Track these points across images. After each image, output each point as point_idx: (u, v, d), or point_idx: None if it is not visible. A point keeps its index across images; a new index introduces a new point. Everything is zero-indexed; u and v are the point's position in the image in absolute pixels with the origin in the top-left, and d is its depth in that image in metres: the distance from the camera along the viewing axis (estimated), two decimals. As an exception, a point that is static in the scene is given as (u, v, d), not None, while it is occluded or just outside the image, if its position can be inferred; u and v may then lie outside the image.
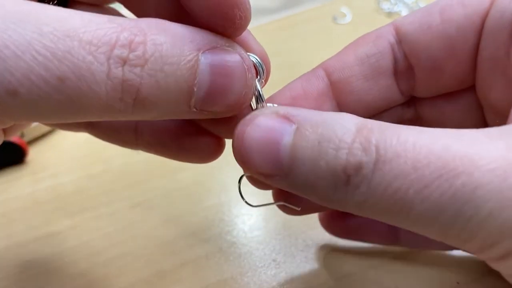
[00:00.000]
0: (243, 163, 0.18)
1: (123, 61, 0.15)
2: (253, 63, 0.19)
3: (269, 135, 0.18)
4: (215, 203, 0.32)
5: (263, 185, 0.24)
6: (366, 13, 0.54)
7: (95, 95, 0.15)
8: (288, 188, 0.18)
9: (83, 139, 0.38)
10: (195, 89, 0.16)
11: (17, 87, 0.14)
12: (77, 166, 0.35)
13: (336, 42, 0.50)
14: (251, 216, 0.31)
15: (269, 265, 0.28)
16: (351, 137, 0.16)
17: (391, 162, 0.16)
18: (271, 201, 0.25)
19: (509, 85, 0.20)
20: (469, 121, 0.23)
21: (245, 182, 0.23)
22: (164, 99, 0.16)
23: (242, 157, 0.18)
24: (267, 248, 0.29)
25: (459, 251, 0.27)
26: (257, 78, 0.20)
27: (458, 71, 0.22)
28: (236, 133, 0.18)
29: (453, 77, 0.22)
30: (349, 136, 0.16)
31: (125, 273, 0.27)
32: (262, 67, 0.20)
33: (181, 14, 0.20)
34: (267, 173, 0.18)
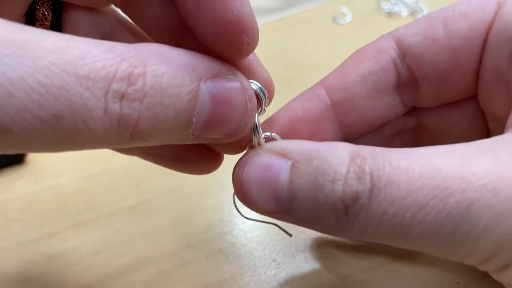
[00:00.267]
0: (246, 203, 0.19)
1: (121, 96, 0.14)
2: (255, 91, 0.19)
3: (266, 174, 0.18)
4: (215, 203, 0.32)
5: None
6: (366, 13, 0.54)
7: (91, 132, 0.14)
8: (291, 222, 0.19)
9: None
10: (194, 119, 0.16)
11: (10, 125, 0.13)
12: (77, 166, 0.35)
13: (336, 42, 0.50)
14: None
15: (269, 265, 0.28)
16: (346, 167, 0.17)
17: (385, 188, 0.16)
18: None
19: (511, 97, 0.20)
20: (472, 128, 0.23)
21: None
22: (161, 130, 0.16)
23: (243, 197, 0.19)
24: (267, 248, 0.29)
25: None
26: (258, 107, 0.20)
27: (462, 82, 0.22)
28: (234, 174, 0.19)
29: (458, 87, 0.22)
30: (344, 166, 0.17)
31: (125, 273, 0.27)
32: (264, 94, 0.20)
33: (183, 32, 0.20)
34: (270, 210, 0.19)
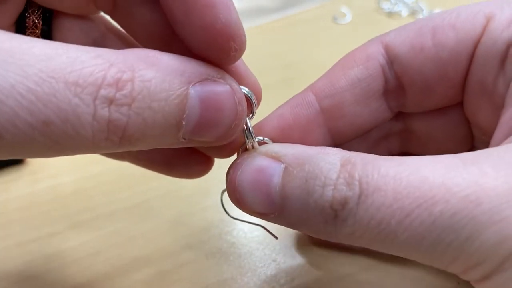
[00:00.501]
0: (239, 204, 0.19)
1: (110, 101, 0.14)
2: (245, 95, 0.19)
3: (260, 177, 0.19)
4: (215, 203, 0.32)
5: None
6: (366, 13, 0.54)
7: (81, 137, 0.14)
8: (281, 224, 0.19)
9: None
10: (184, 123, 0.16)
11: (1, 132, 0.13)
12: (76, 166, 0.35)
13: (336, 42, 0.50)
14: (251, 216, 0.31)
15: (269, 265, 0.28)
16: (336, 173, 0.17)
17: (373, 195, 0.16)
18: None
19: (495, 111, 0.21)
20: (456, 134, 0.24)
21: None
22: (151, 134, 0.16)
23: (236, 199, 0.19)
24: (267, 248, 0.29)
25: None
26: (249, 111, 0.20)
27: (448, 91, 0.22)
28: (228, 176, 0.19)
29: (443, 96, 0.22)
30: (334, 172, 0.17)
31: (125, 273, 0.27)
32: (252, 99, 0.20)
33: (171, 37, 0.20)
34: (262, 212, 0.19)
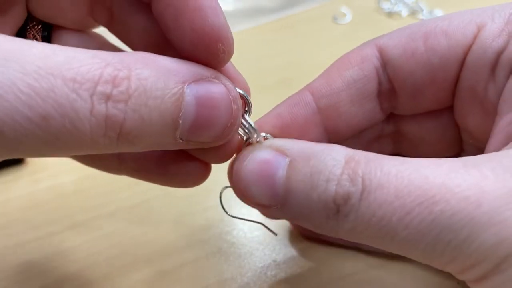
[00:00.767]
0: (242, 195, 0.20)
1: (107, 97, 0.15)
2: (240, 95, 0.20)
3: (265, 169, 0.19)
4: (215, 203, 0.32)
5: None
6: (366, 13, 0.54)
7: (79, 132, 0.15)
8: (283, 217, 0.20)
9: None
10: (180, 122, 0.16)
11: (1, 126, 0.13)
12: (76, 166, 0.35)
13: (336, 42, 0.50)
14: (251, 216, 0.31)
15: (269, 265, 0.28)
16: (340, 169, 0.18)
17: (375, 192, 0.17)
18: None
19: (484, 117, 0.21)
20: (446, 137, 0.24)
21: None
22: (148, 132, 0.16)
23: (240, 190, 0.20)
24: (267, 248, 0.29)
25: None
26: (246, 110, 0.20)
27: (437, 96, 0.23)
28: (234, 168, 0.20)
29: (433, 100, 0.23)
30: (339, 168, 0.18)
31: (125, 273, 0.27)
32: (248, 99, 0.20)
33: (165, 42, 0.20)
34: (265, 204, 0.19)
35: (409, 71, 0.22)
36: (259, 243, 0.29)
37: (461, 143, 0.24)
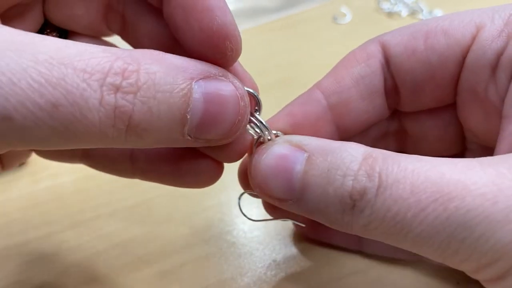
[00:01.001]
0: (259, 188, 0.20)
1: (116, 88, 0.15)
2: (250, 93, 0.20)
3: (283, 163, 0.19)
4: (215, 203, 0.32)
5: (275, 209, 0.25)
6: (366, 13, 0.54)
7: (88, 122, 0.15)
8: (299, 211, 0.20)
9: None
10: (189, 117, 0.17)
11: (12, 112, 0.14)
12: (76, 166, 0.35)
13: (336, 42, 0.50)
14: (251, 216, 0.31)
15: (269, 265, 0.28)
16: (357, 165, 0.18)
17: (391, 187, 0.17)
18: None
19: (486, 117, 0.22)
20: (448, 135, 0.25)
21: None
22: (157, 126, 0.16)
23: (258, 183, 0.20)
24: (267, 248, 0.29)
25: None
26: (256, 109, 0.21)
27: (437, 94, 0.23)
28: (253, 161, 0.20)
29: (433, 97, 0.23)
30: (356, 164, 0.18)
31: (125, 273, 0.27)
32: (257, 98, 0.20)
33: (175, 46, 0.21)
34: (281, 198, 0.19)
35: (409, 68, 0.22)
36: (259, 243, 0.29)
37: (463, 142, 0.25)
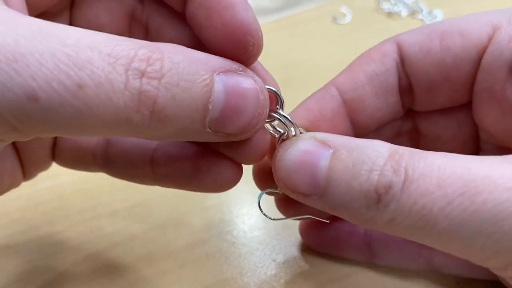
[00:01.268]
0: (283, 183, 0.20)
1: (141, 74, 0.15)
2: (272, 91, 0.20)
3: (308, 158, 0.19)
4: (215, 203, 0.32)
5: (287, 209, 0.26)
6: (366, 13, 0.54)
7: (113, 104, 0.15)
8: (322, 207, 0.20)
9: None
10: (210, 107, 0.17)
11: (38, 92, 0.14)
12: (77, 166, 0.35)
13: (336, 42, 0.50)
14: (251, 216, 0.31)
15: (269, 265, 0.28)
16: (383, 160, 0.18)
17: (418, 181, 0.17)
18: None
19: (503, 118, 0.22)
20: (462, 135, 0.24)
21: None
22: (180, 114, 0.16)
23: (282, 177, 0.20)
24: (267, 248, 0.29)
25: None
26: (278, 108, 0.21)
27: (452, 94, 0.23)
28: (278, 156, 0.20)
29: (447, 97, 0.23)
30: (382, 160, 0.18)
31: (125, 273, 0.27)
32: (279, 95, 0.21)
33: (196, 45, 0.21)
34: (305, 192, 0.19)
35: (424, 68, 0.22)
36: (259, 243, 0.29)
37: (477, 142, 0.25)
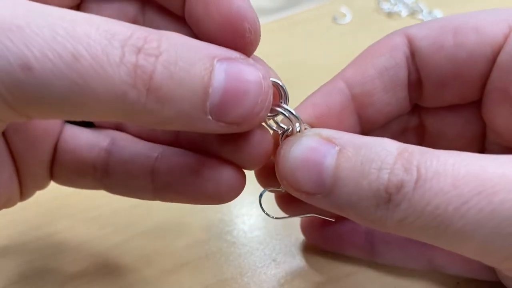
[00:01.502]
0: (286, 181, 0.19)
1: (138, 50, 0.15)
2: (276, 83, 0.20)
3: (313, 156, 0.19)
4: (215, 203, 0.32)
5: (289, 207, 0.25)
6: (366, 13, 0.54)
7: (108, 77, 0.15)
8: (327, 206, 0.19)
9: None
10: (210, 91, 0.16)
11: (32, 61, 0.14)
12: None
13: (336, 42, 0.50)
14: (251, 216, 0.31)
15: (269, 265, 0.28)
16: (393, 159, 0.17)
17: (431, 180, 0.16)
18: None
19: None
20: (468, 133, 0.24)
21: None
22: (178, 94, 0.16)
23: (285, 175, 0.19)
24: (267, 248, 0.29)
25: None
26: (282, 101, 0.20)
27: (462, 91, 0.22)
28: (281, 152, 0.19)
29: (457, 94, 0.23)
30: (391, 158, 0.17)
31: (125, 273, 0.27)
32: (284, 88, 0.20)
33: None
34: (309, 191, 0.19)
35: (436, 63, 0.22)
36: (259, 243, 0.29)
37: (482, 142, 0.24)
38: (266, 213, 0.24)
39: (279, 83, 0.20)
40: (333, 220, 0.25)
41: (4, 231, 0.30)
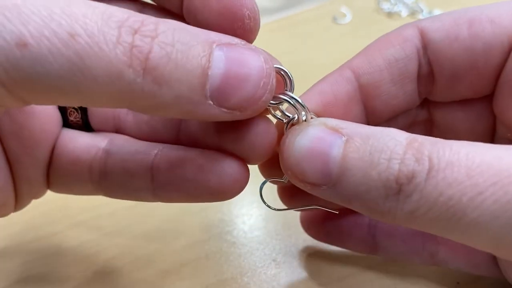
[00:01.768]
0: (291, 172, 0.19)
1: (134, 31, 0.15)
2: (281, 70, 0.19)
3: (319, 146, 0.18)
4: (215, 203, 0.32)
5: (291, 199, 0.25)
6: (366, 13, 0.54)
7: (104, 55, 0.15)
8: (333, 198, 0.19)
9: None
10: (209, 73, 0.16)
11: (27, 38, 0.14)
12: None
13: (336, 42, 0.50)
14: (251, 216, 0.31)
15: (269, 265, 0.28)
16: (403, 149, 0.17)
17: (444, 170, 0.16)
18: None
19: None
20: (478, 128, 0.24)
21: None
22: (175, 76, 0.15)
23: (290, 166, 0.19)
24: (267, 248, 0.29)
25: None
26: (287, 89, 0.20)
27: (476, 84, 0.22)
28: (286, 142, 0.19)
29: (471, 88, 0.22)
30: (401, 148, 0.17)
31: (125, 273, 0.27)
32: (290, 75, 0.20)
33: None
34: (314, 182, 0.18)
35: (450, 55, 0.21)
36: (259, 243, 0.29)
37: (492, 136, 0.24)
38: (267, 205, 0.23)
39: (284, 69, 0.19)
40: (337, 212, 0.24)
41: (4, 231, 0.30)
